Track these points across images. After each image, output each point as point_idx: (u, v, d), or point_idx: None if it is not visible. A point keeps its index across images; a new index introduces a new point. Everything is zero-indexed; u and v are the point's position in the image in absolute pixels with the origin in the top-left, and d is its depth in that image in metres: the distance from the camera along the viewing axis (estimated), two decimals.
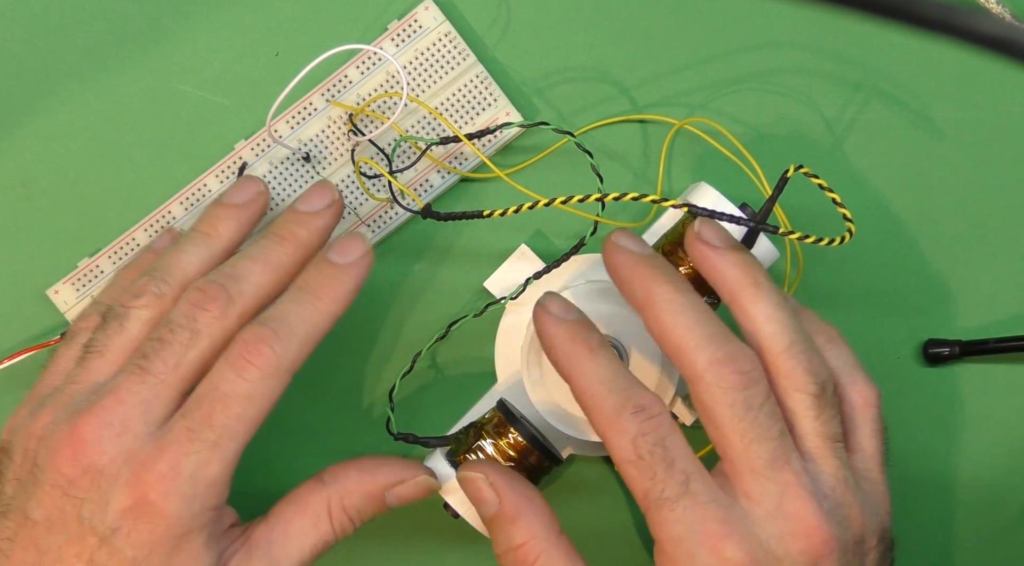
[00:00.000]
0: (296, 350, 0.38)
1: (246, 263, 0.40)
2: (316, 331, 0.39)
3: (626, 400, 0.38)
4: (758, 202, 0.42)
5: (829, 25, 0.47)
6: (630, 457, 0.37)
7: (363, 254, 0.40)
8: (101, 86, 0.47)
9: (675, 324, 0.38)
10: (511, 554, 0.39)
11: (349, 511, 0.40)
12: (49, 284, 0.46)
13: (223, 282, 0.39)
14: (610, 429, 0.38)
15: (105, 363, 0.39)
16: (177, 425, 0.37)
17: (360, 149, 0.46)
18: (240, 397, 0.37)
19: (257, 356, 0.37)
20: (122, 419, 0.37)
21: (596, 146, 0.47)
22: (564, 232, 0.47)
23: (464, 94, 0.46)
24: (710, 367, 0.37)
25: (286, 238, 0.40)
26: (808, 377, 0.38)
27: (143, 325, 0.39)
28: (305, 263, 0.41)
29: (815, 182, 0.41)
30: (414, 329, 0.47)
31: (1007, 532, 0.48)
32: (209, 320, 0.38)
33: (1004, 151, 0.48)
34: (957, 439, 0.48)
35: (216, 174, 0.46)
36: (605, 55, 0.47)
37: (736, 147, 0.46)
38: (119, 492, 0.36)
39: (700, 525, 0.36)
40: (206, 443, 0.37)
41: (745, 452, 0.37)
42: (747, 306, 0.39)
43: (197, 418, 0.37)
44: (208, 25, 0.47)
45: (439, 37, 0.46)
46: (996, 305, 0.48)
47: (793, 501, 0.37)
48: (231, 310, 0.39)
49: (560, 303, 0.40)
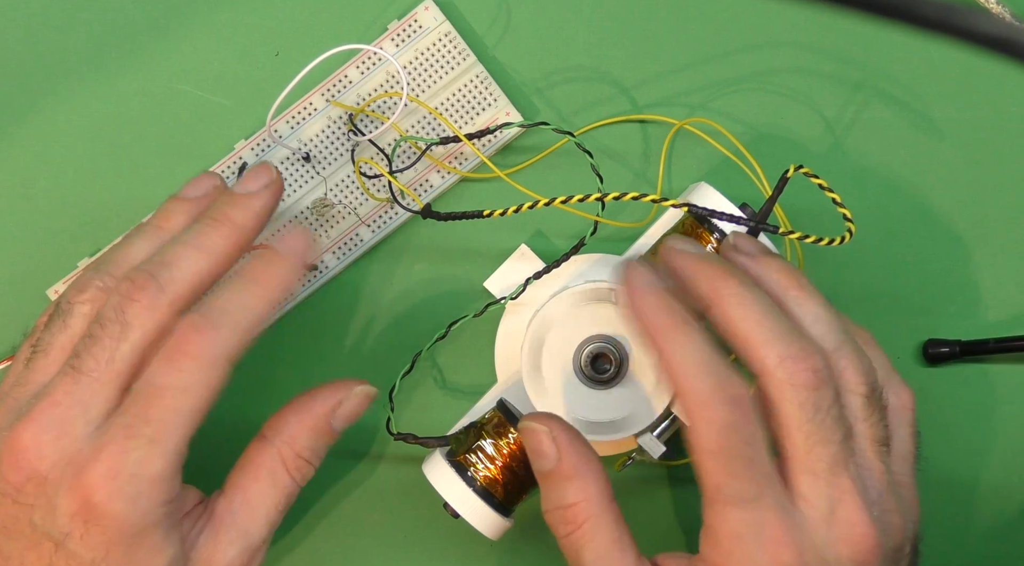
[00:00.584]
0: (233, 338, 0.37)
1: (178, 249, 0.38)
2: (254, 317, 0.37)
3: (720, 386, 0.36)
4: (758, 202, 0.42)
5: (829, 25, 0.47)
6: (712, 447, 0.36)
7: (304, 242, 0.39)
8: (101, 86, 0.47)
9: (743, 317, 0.37)
10: (560, 512, 0.38)
11: (304, 455, 0.40)
12: (49, 284, 0.46)
13: (152, 270, 0.37)
14: (699, 414, 0.36)
15: (49, 362, 0.38)
16: (114, 423, 0.36)
17: (360, 149, 0.46)
18: (175, 389, 0.36)
19: (191, 345, 0.36)
20: (59, 422, 0.36)
21: (596, 146, 0.47)
22: (564, 232, 0.47)
23: (464, 94, 0.46)
24: (782, 363, 0.36)
25: (220, 220, 0.39)
26: (860, 378, 0.38)
27: (85, 321, 0.38)
28: (244, 248, 0.39)
29: (815, 182, 0.41)
30: (414, 329, 0.47)
31: (1007, 532, 0.48)
32: (139, 310, 0.37)
33: (1004, 151, 0.48)
34: (957, 439, 0.48)
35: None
36: (605, 55, 0.47)
37: (736, 147, 0.46)
38: (64, 497, 0.35)
39: (764, 528, 0.36)
40: (144, 439, 0.35)
41: (808, 454, 0.37)
42: (794, 308, 0.38)
43: (133, 414, 0.36)
44: (208, 25, 0.47)
45: (439, 37, 0.46)
46: (996, 305, 0.48)
47: (848, 507, 0.36)
48: (161, 299, 0.37)
49: (649, 270, 0.38)
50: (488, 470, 0.42)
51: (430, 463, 0.43)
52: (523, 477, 0.42)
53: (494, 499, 0.42)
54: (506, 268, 0.45)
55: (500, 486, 0.42)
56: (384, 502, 0.47)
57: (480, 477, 0.42)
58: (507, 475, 0.42)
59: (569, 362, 0.42)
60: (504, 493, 0.42)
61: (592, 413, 0.42)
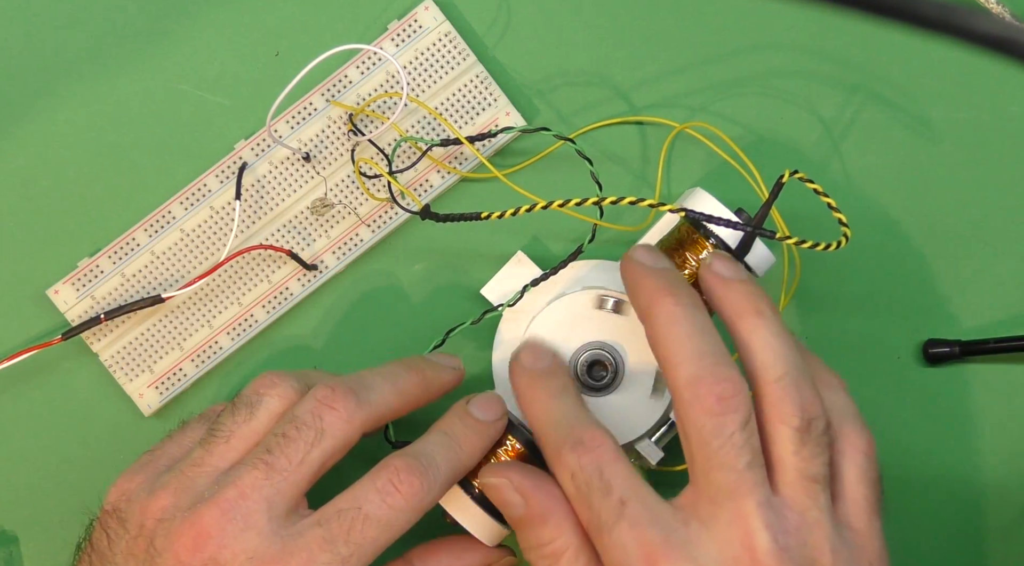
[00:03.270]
0: (437, 491, 0.39)
1: (376, 377, 0.40)
2: (455, 477, 0.40)
3: (565, 436, 0.37)
4: (756, 206, 0.42)
5: (829, 25, 0.47)
6: (571, 492, 0.37)
7: (500, 416, 0.41)
8: (101, 86, 0.46)
9: (666, 336, 0.37)
10: (538, 550, 0.39)
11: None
12: (49, 284, 0.46)
13: (352, 386, 0.39)
14: (554, 467, 0.38)
15: (229, 449, 0.39)
16: (312, 531, 0.37)
17: (360, 149, 0.46)
18: (382, 523, 0.37)
19: (406, 486, 0.37)
20: (245, 514, 0.37)
21: (595, 147, 0.47)
22: (562, 235, 0.47)
23: (464, 94, 0.46)
24: (688, 385, 0.36)
25: (414, 370, 0.41)
26: (793, 410, 0.36)
27: (271, 417, 0.39)
28: (418, 406, 0.41)
29: (810, 187, 0.41)
30: (412, 332, 0.47)
31: (1007, 532, 0.48)
32: (336, 420, 0.38)
33: (1004, 152, 0.48)
34: (957, 439, 0.48)
35: (216, 174, 0.46)
36: (605, 55, 0.47)
37: (735, 152, 0.46)
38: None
39: (637, 548, 0.35)
40: (338, 556, 0.37)
41: (705, 477, 0.36)
42: (745, 333, 0.38)
43: (335, 530, 0.37)
44: (208, 25, 0.47)
45: (439, 37, 0.46)
46: (996, 305, 0.48)
47: (745, 532, 0.35)
48: (357, 415, 0.39)
49: (530, 351, 0.41)
50: None
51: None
52: None
53: (493, 507, 0.42)
54: (503, 275, 0.45)
55: None
56: None
57: (479, 485, 0.42)
58: None
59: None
60: None
61: None
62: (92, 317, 0.45)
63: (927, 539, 0.47)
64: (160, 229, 0.46)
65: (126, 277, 0.46)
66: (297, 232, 0.46)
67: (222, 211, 0.46)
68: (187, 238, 0.46)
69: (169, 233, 0.46)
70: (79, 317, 0.46)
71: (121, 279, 0.46)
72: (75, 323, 0.46)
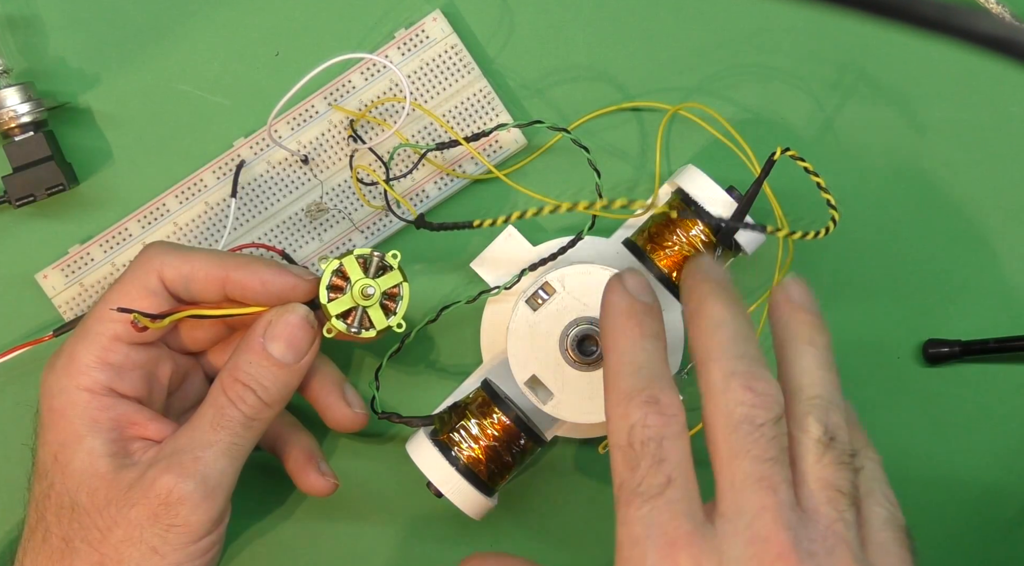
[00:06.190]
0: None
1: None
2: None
3: (644, 387, 0.35)
4: (749, 184, 0.42)
5: (829, 25, 0.47)
6: (621, 442, 0.35)
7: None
8: (101, 86, 0.46)
9: (710, 337, 0.36)
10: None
11: (241, 378, 0.41)
12: (38, 269, 0.46)
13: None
14: (615, 409, 0.35)
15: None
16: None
17: (358, 155, 0.46)
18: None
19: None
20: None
21: (594, 138, 0.47)
22: (559, 225, 0.47)
23: (466, 107, 0.46)
24: (723, 378, 0.35)
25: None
26: (819, 425, 0.35)
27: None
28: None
29: (801, 165, 0.41)
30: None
31: (1007, 532, 0.48)
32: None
33: (1003, 151, 0.48)
34: (957, 439, 0.48)
35: (213, 170, 0.46)
36: (606, 55, 0.47)
37: (729, 132, 0.46)
38: None
39: (662, 529, 0.34)
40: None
41: (729, 464, 0.34)
42: (792, 355, 0.37)
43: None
44: (208, 25, 0.47)
45: (445, 49, 0.46)
46: (996, 305, 0.48)
47: (767, 525, 0.33)
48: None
49: (637, 280, 0.38)
50: (472, 450, 0.42)
51: (414, 442, 0.43)
52: (506, 457, 0.43)
53: (477, 478, 0.42)
54: (493, 248, 0.45)
55: (483, 465, 0.42)
56: (368, 481, 0.47)
57: (464, 456, 0.42)
58: (490, 455, 0.42)
59: (555, 343, 0.42)
60: (487, 472, 0.43)
61: (578, 393, 0.42)
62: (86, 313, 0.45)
63: (927, 539, 0.47)
64: (154, 221, 0.46)
65: (116, 266, 0.46)
66: (291, 233, 0.46)
67: (216, 207, 0.46)
68: (180, 231, 0.46)
69: (163, 225, 0.46)
70: (66, 302, 0.46)
71: (111, 268, 0.46)
72: (63, 309, 0.46)
